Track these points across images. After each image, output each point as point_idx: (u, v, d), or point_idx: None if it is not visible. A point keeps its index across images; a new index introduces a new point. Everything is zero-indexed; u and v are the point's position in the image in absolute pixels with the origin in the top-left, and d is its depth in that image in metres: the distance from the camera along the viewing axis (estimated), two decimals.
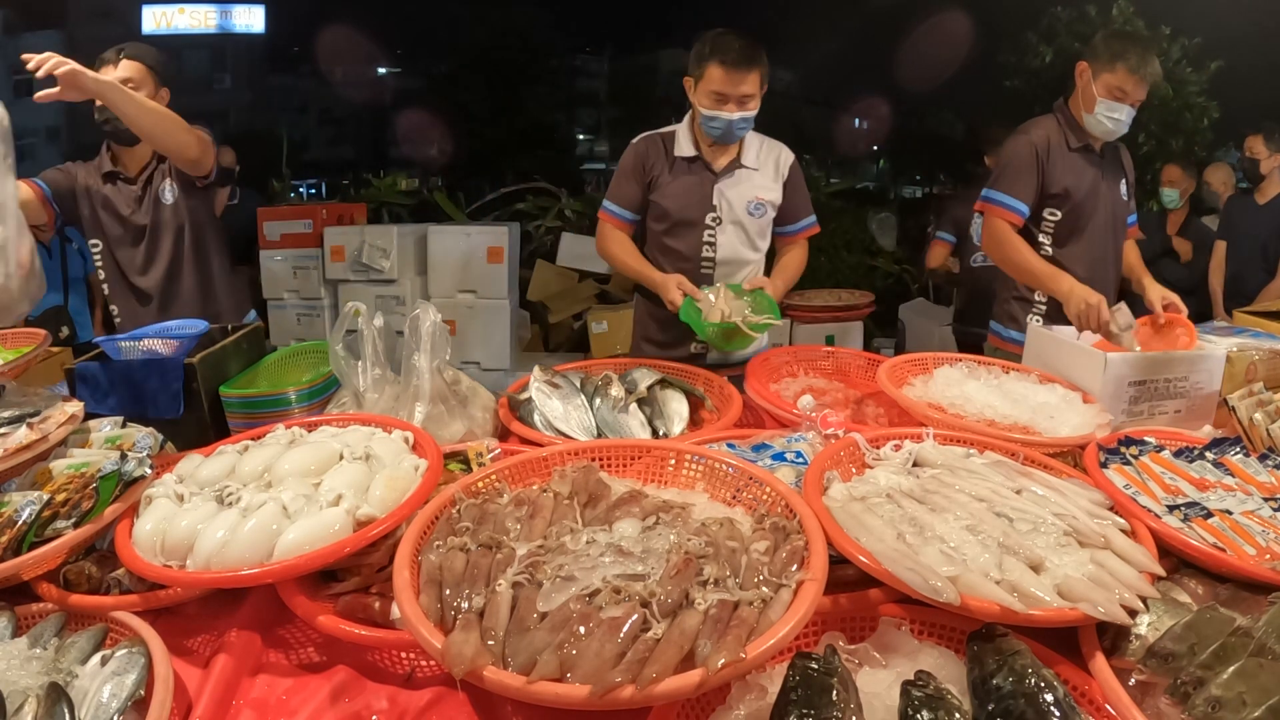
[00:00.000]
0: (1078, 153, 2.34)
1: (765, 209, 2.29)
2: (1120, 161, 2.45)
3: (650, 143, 2.31)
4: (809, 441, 1.49)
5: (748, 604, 0.94)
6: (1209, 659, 0.91)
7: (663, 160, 2.28)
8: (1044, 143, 2.32)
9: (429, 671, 1.11)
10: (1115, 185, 2.40)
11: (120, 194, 2.37)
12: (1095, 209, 2.35)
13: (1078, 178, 2.32)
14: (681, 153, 2.27)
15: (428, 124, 12.00)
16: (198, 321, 1.96)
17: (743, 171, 2.27)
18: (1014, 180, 2.32)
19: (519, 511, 1.18)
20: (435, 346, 1.70)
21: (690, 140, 2.27)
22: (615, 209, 2.32)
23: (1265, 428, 1.58)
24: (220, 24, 15.47)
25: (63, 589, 1.21)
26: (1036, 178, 2.31)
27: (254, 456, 1.35)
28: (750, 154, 2.28)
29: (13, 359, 2.06)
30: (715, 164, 2.25)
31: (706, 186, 2.25)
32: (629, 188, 2.30)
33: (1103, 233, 2.38)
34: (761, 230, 2.32)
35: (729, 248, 2.28)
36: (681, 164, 2.27)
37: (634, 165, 2.29)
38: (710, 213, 2.26)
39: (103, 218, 2.38)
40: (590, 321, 5.09)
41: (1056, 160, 2.32)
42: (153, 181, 2.39)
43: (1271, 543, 1.21)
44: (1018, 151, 2.34)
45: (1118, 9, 6.96)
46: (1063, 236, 2.38)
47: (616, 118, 14.45)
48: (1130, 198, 2.47)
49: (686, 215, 2.26)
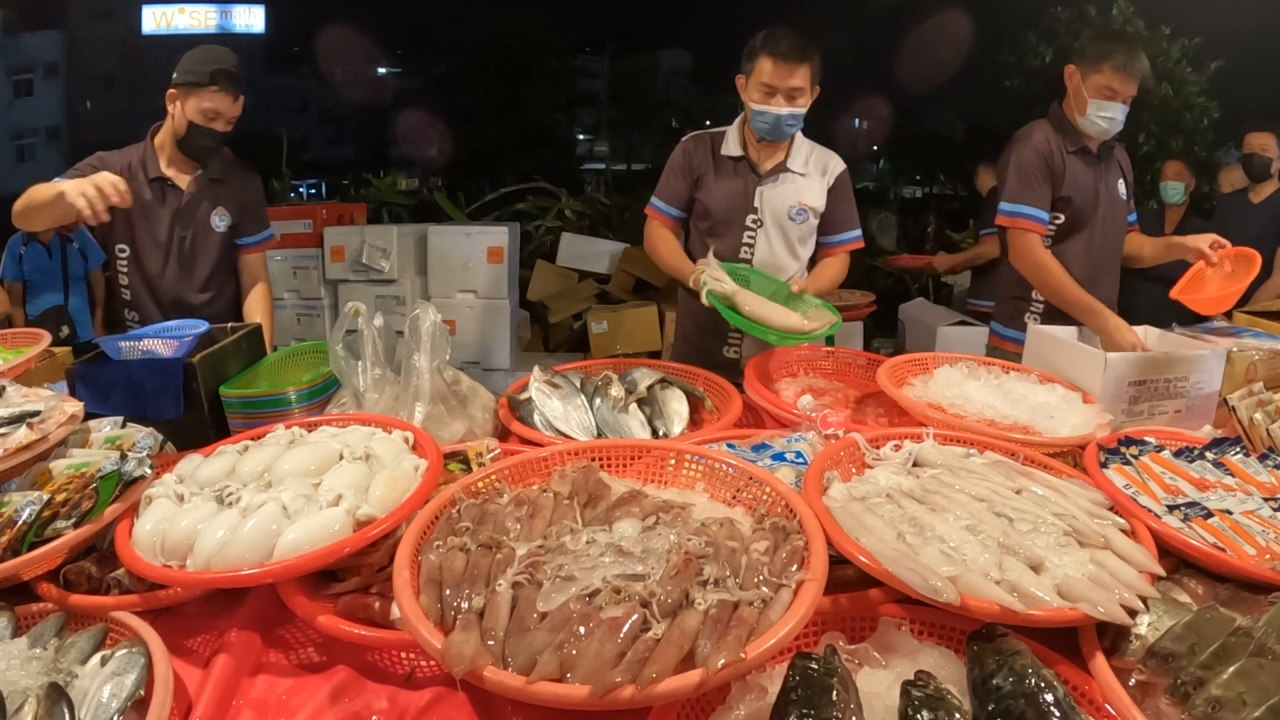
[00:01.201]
0: (1076, 155, 2.35)
1: (808, 215, 2.26)
2: (1118, 162, 2.46)
3: (699, 141, 2.30)
4: (809, 441, 1.49)
5: (748, 604, 0.94)
6: (1209, 659, 0.91)
7: (709, 159, 2.27)
8: (1046, 147, 2.33)
9: (429, 671, 1.11)
10: (1114, 186, 2.41)
11: (165, 204, 2.25)
12: (1095, 210, 2.36)
13: (1078, 181, 2.34)
14: (728, 152, 2.26)
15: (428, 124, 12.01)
16: (198, 322, 1.97)
17: (787, 175, 2.25)
18: (1033, 190, 2.32)
19: (519, 511, 1.18)
20: (435, 346, 1.70)
21: (738, 140, 2.26)
22: (661, 205, 2.32)
23: (1265, 428, 1.58)
24: (220, 24, 15.47)
25: (63, 589, 1.21)
26: (1049, 184, 2.32)
27: (254, 456, 1.35)
28: (798, 159, 2.26)
29: (13, 359, 2.06)
30: (760, 166, 2.24)
31: (749, 188, 2.24)
32: (676, 184, 2.29)
33: (1102, 233, 2.38)
34: (803, 237, 2.29)
35: (768, 251, 2.26)
36: (727, 163, 2.26)
37: (682, 162, 2.28)
38: (751, 214, 2.24)
39: (138, 225, 2.25)
40: (590, 321, 5.09)
41: (1061, 164, 2.33)
42: (201, 201, 2.29)
43: (1271, 543, 1.21)
44: (1027, 159, 2.33)
45: (1118, 9, 6.97)
46: (1062, 237, 2.38)
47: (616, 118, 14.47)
48: (1129, 197, 2.48)
49: (727, 215, 2.25)
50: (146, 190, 2.22)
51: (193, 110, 2.14)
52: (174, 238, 2.26)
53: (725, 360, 2.33)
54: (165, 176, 2.23)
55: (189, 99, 2.14)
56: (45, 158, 14.01)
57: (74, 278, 4.77)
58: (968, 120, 10.98)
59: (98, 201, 1.75)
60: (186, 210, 2.27)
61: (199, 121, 2.14)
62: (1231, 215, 4.16)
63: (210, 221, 2.30)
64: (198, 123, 2.14)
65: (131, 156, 2.24)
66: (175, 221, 2.26)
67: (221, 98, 2.13)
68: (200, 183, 2.28)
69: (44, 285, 4.69)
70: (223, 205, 2.32)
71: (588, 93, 15.82)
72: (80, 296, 4.83)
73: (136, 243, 2.26)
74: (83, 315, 4.82)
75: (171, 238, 2.26)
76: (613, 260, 5.65)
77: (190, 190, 2.27)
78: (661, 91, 14.91)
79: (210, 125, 2.16)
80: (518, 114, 12.14)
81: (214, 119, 2.15)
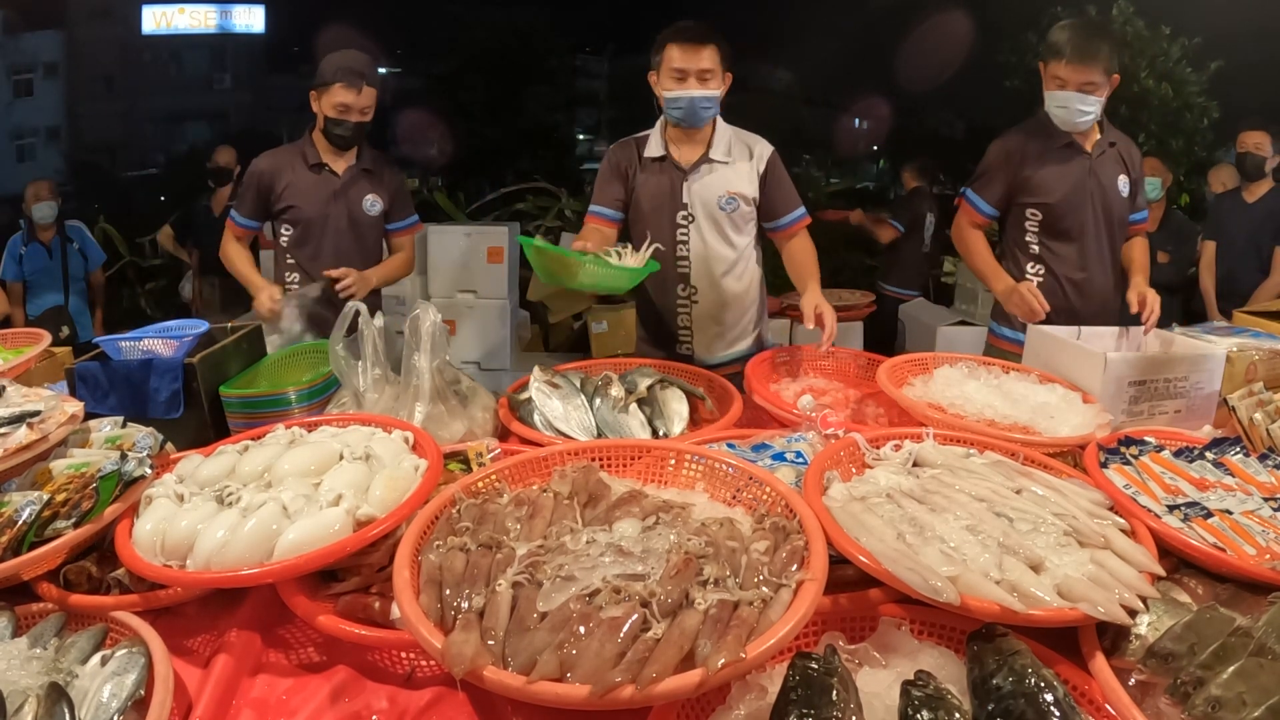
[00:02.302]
0: (1057, 153, 2.34)
1: (737, 202, 2.26)
2: (1121, 158, 2.41)
3: (623, 146, 2.34)
4: (809, 441, 1.49)
5: (748, 604, 0.95)
6: (1209, 659, 0.91)
7: (635, 162, 2.30)
8: (1019, 147, 2.36)
9: (429, 671, 1.11)
10: (1110, 183, 2.36)
11: (324, 186, 2.52)
12: (1080, 207, 2.35)
13: (1058, 177, 2.33)
14: (650, 154, 2.28)
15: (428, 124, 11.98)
16: (198, 322, 1.97)
17: (711, 166, 2.25)
18: (986, 183, 2.43)
19: (519, 511, 1.18)
20: (435, 346, 1.70)
21: (660, 141, 2.28)
22: (599, 209, 2.31)
23: (1265, 428, 1.58)
24: (220, 24, 15.44)
25: (63, 589, 1.21)
26: (1006, 181, 2.39)
27: (254, 456, 1.35)
28: (720, 148, 2.26)
29: (13, 359, 2.06)
30: (683, 161, 2.25)
31: (675, 184, 2.25)
32: (611, 187, 2.31)
33: (1095, 231, 2.37)
34: (737, 224, 2.28)
35: (702, 244, 2.27)
36: (651, 164, 2.28)
37: (613, 167, 2.31)
38: (680, 210, 2.26)
39: (302, 206, 2.51)
40: (590, 321, 5.08)
41: (1034, 162, 2.34)
42: (354, 183, 2.56)
43: (1271, 543, 1.21)
44: (992, 155, 2.43)
45: (1118, 9, 6.96)
46: (1050, 235, 2.39)
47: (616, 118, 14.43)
48: (1133, 195, 2.43)
49: (657, 214, 2.26)
50: (308, 175, 2.51)
51: (327, 106, 2.43)
52: (331, 216, 2.53)
53: (679, 356, 2.34)
54: (323, 163, 2.52)
55: (322, 97, 2.44)
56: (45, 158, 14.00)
57: (74, 278, 4.77)
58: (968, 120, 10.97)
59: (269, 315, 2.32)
60: (342, 192, 2.54)
61: (333, 115, 2.43)
62: (1225, 215, 4.14)
63: (364, 204, 2.58)
64: (332, 116, 2.43)
65: (292, 152, 2.54)
66: (333, 201, 2.52)
67: (347, 92, 2.40)
68: (354, 170, 2.55)
69: (44, 285, 4.69)
70: (374, 193, 2.59)
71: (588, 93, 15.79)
72: (80, 296, 4.83)
73: (300, 222, 2.52)
74: (83, 315, 4.82)
75: (329, 216, 2.52)
76: None
77: (345, 176, 2.54)
78: None
79: (343, 118, 2.43)
80: (518, 114, 12.11)
81: (345, 111, 2.42)
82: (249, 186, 2.54)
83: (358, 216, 2.58)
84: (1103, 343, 2.03)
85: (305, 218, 2.52)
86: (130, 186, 11.84)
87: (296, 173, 2.51)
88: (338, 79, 2.40)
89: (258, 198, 2.53)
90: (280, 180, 2.50)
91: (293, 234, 2.55)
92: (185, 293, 5.40)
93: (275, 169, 2.51)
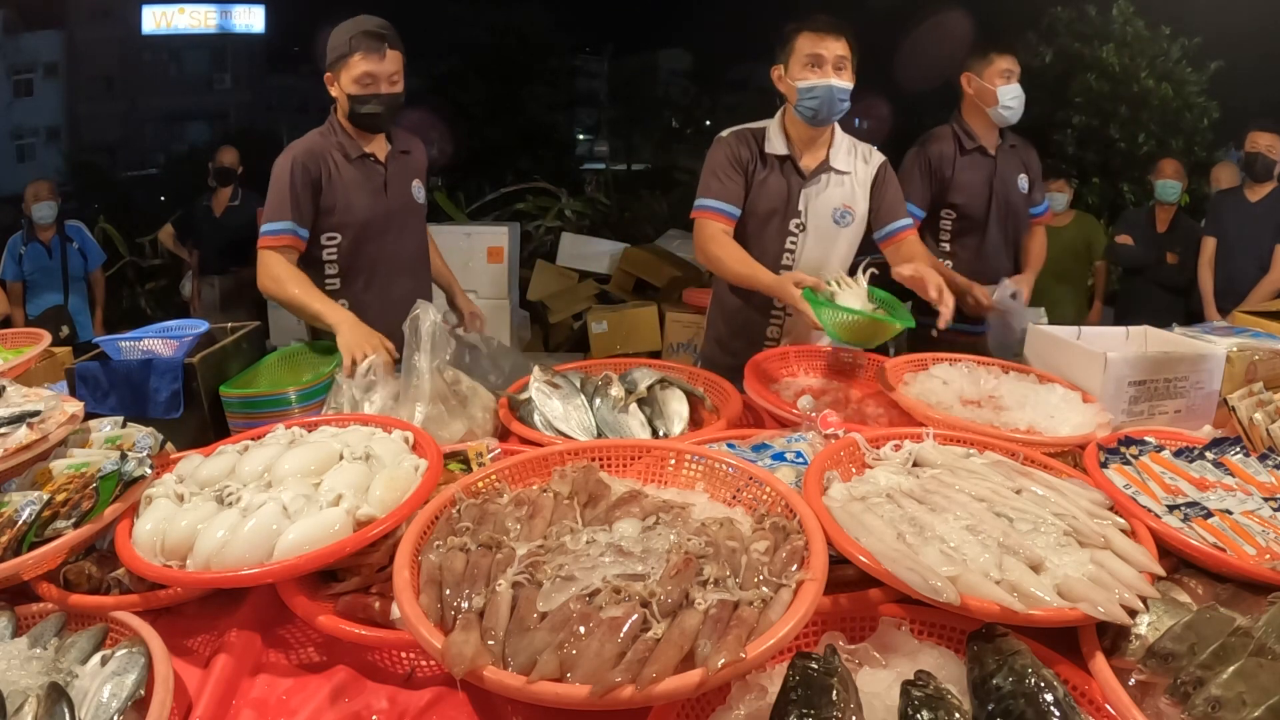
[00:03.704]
0: (968, 157, 2.61)
1: (851, 218, 2.17)
2: (1020, 159, 2.69)
3: (741, 137, 2.17)
4: (809, 441, 1.49)
5: (748, 604, 0.94)
6: (1209, 659, 0.91)
7: (756, 156, 2.15)
8: (935, 155, 2.61)
9: (429, 671, 1.11)
10: (1011, 181, 2.63)
11: (371, 180, 2.14)
12: (986, 204, 2.63)
13: (968, 182, 2.61)
14: (773, 150, 2.14)
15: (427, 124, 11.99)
16: (198, 322, 1.97)
17: (831, 176, 2.16)
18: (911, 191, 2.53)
19: (519, 511, 1.18)
20: (435, 346, 1.70)
21: (782, 138, 2.15)
22: (718, 205, 2.11)
23: (1265, 428, 1.58)
24: (220, 24, 15.45)
25: (63, 589, 1.21)
26: (929, 185, 2.62)
27: (254, 456, 1.35)
28: (840, 155, 2.16)
29: (13, 359, 2.06)
30: (804, 165, 2.14)
31: (793, 189, 2.14)
32: (732, 181, 2.12)
33: (996, 226, 2.64)
34: (849, 240, 2.20)
35: (810, 255, 2.17)
36: (773, 162, 2.14)
37: (733, 158, 2.13)
38: (795, 218, 2.15)
39: (353, 208, 2.11)
40: (590, 321, 5.09)
41: (948, 170, 2.61)
42: (400, 172, 2.20)
43: (1271, 543, 1.20)
44: (909, 164, 2.63)
45: (1118, 9, 6.97)
46: (958, 235, 2.69)
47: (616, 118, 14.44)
48: (1032, 191, 2.72)
49: (769, 218, 2.14)
50: (350, 169, 2.11)
51: (348, 83, 2.03)
52: (385, 215, 2.16)
53: None
54: (366, 153, 2.13)
55: (340, 75, 2.04)
56: (45, 158, 14.00)
57: (74, 278, 4.77)
58: None
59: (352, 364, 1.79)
60: (392, 184, 2.18)
61: (356, 91, 2.02)
62: (1226, 213, 4.14)
63: (412, 193, 2.23)
64: (356, 93, 2.02)
65: (326, 144, 2.10)
66: (383, 197, 2.16)
67: (367, 60, 2.00)
68: (394, 156, 2.19)
69: (44, 285, 4.69)
70: (417, 176, 2.26)
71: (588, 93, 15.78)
72: (80, 296, 4.84)
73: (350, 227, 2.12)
74: (83, 315, 4.83)
75: (383, 215, 2.16)
76: (613, 260, 5.65)
77: (389, 165, 2.18)
78: (661, 91, 14.90)
79: (369, 91, 2.03)
80: (518, 114, 12.11)
81: (370, 83, 2.02)
82: (294, 185, 2.02)
83: (411, 208, 2.23)
84: (1103, 342, 2.02)
85: (358, 221, 2.11)
86: (130, 186, 11.83)
87: (340, 169, 2.08)
88: (354, 48, 2.00)
89: (313, 197, 2.05)
90: (324, 177, 2.06)
91: (341, 243, 2.12)
92: (185, 291, 5.40)
93: (317, 162, 2.05)
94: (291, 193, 2.02)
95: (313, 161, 2.04)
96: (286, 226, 2.02)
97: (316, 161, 2.05)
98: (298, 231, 2.04)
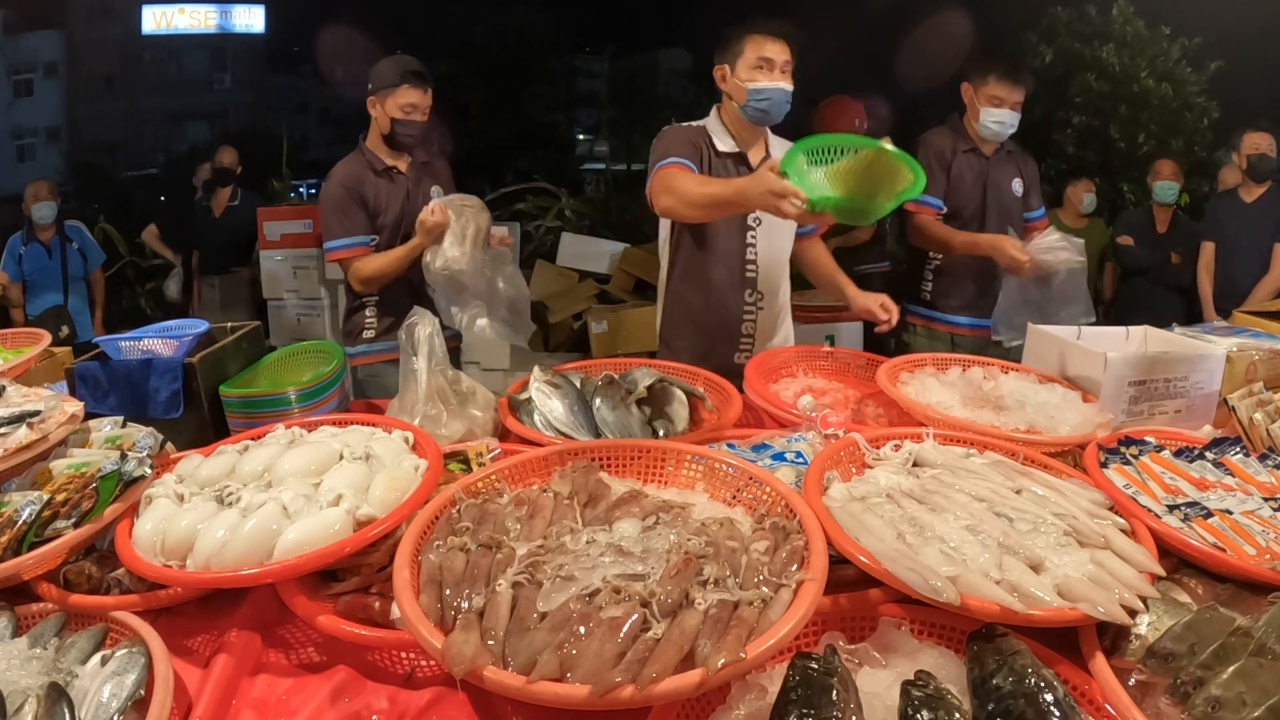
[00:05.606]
0: (966, 155, 2.69)
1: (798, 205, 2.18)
2: (1015, 164, 2.76)
3: (693, 132, 2.16)
4: (809, 441, 1.49)
5: (748, 604, 0.95)
6: (1209, 659, 0.91)
7: (709, 150, 2.14)
8: (939, 148, 2.69)
9: (429, 671, 1.11)
10: (1004, 184, 2.72)
11: (397, 190, 2.49)
12: (980, 204, 2.70)
13: (962, 179, 2.70)
14: (724, 148, 2.15)
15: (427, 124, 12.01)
16: (198, 321, 1.97)
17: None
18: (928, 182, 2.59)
19: (519, 511, 1.18)
20: (432, 352, 1.70)
21: (728, 135, 2.16)
22: (682, 159, 2.06)
23: (1265, 428, 1.58)
24: (220, 24, 15.45)
25: (63, 589, 1.21)
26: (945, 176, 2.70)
27: (254, 456, 1.35)
28: (776, 151, 2.17)
29: (13, 359, 2.06)
30: (752, 160, 2.14)
31: None
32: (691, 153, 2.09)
33: (992, 227, 2.67)
34: (793, 229, 2.23)
35: (770, 249, 2.21)
36: (725, 159, 2.15)
37: (688, 144, 2.10)
38: (752, 213, 2.15)
39: (386, 214, 2.46)
40: (590, 321, 5.08)
41: (945, 165, 2.69)
42: (420, 181, 2.54)
43: (1271, 543, 1.21)
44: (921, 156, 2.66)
45: (1118, 9, 6.96)
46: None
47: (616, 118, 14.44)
48: (1028, 194, 2.78)
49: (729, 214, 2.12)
50: (379, 181, 2.47)
51: (393, 108, 2.41)
52: (408, 219, 2.44)
53: (734, 366, 2.15)
54: (391, 166, 2.50)
55: (387, 100, 2.42)
56: (45, 158, 14.00)
57: (74, 278, 4.77)
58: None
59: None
60: (414, 192, 2.52)
61: (400, 116, 2.42)
62: (1223, 214, 4.15)
63: (432, 197, 2.49)
64: (399, 118, 2.42)
65: (355, 162, 2.48)
66: (406, 203, 2.48)
67: (414, 92, 2.42)
68: (415, 167, 2.56)
69: (44, 285, 4.69)
70: (437, 184, 2.60)
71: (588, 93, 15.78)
72: (80, 296, 4.83)
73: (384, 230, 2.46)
74: (83, 315, 4.82)
75: (407, 218, 2.45)
76: (613, 260, 5.65)
77: (410, 175, 2.54)
78: (661, 91, 14.90)
79: (410, 118, 2.43)
80: (518, 114, 12.10)
81: (411, 111, 2.43)
82: (346, 202, 2.41)
83: None
84: (1103, 342, 2.02)
85: (388, 225, 2.45)
86: (130, 186, 11.84)
87: (373, 182, 2.45)
88: (405, 80, 2.40)
89: (364, 209, 2.43)
90: (365, 191, 2.43)
91: (378, 244, 2.46)
92: (170, 292, 5.38)
93: (356, 180, 2.43)
94: (347, 210, 2.42)
95: (353, 181, 2.44)
96: (358, 239, 2.41)
97: (356, 181, 2.44)
98: (364, 242, 2.43)
